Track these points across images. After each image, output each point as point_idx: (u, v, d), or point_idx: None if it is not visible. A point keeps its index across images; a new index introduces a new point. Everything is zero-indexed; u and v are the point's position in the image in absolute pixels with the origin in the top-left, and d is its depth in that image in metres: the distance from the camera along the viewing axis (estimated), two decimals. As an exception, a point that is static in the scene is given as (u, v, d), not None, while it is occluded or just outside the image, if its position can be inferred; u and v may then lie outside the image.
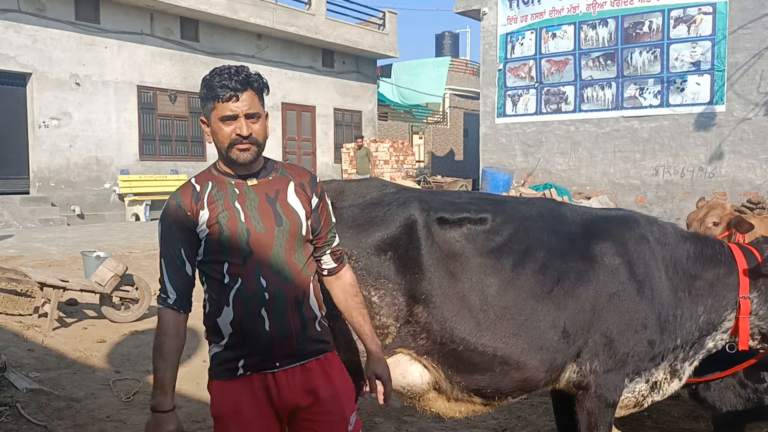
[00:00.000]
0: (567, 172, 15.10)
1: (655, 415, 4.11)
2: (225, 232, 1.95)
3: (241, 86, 1.95)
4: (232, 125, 1.96)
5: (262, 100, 2.02)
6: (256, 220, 1.98)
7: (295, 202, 2.05)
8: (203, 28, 16.98)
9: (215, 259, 1.97)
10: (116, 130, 15.21)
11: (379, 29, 22.08)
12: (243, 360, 1.98)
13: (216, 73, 1.98)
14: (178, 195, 2.01)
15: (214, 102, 1.96)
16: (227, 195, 2.00)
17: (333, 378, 2.07)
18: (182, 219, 1.98)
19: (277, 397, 1.99)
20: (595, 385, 2.70)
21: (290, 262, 2.00)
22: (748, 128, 12.78)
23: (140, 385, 4.54)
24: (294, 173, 2.12)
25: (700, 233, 3.12)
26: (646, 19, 13.73)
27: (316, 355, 2.05)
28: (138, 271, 7.91)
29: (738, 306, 2.85)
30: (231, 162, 2.01)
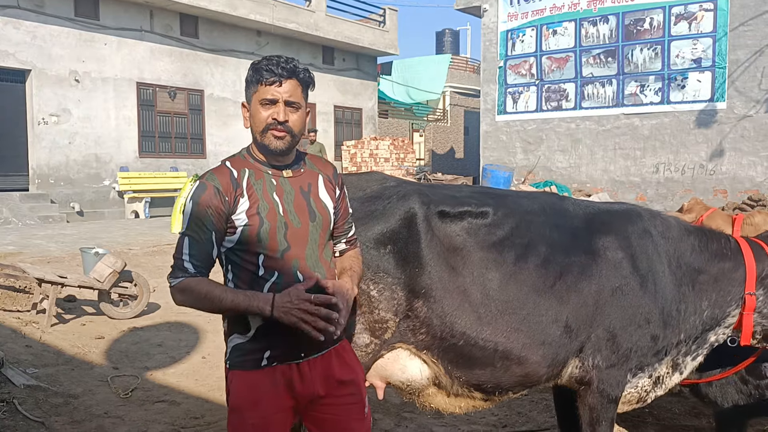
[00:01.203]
0: (567, 169, 15.07)
1: (656, 412, 4.09)
2: (265, 225, 1.93)
3: (287, 74, 1.95)
4: (271, 109, 1.95)
5: (305, 93, 2.02)
6: (293, 214, 1.98)
7: (326, 197, 2.06)
8: (203, 24, 16.94)
9: (250, 249, 1.94)
10: (115, 127, 15.19)
11: (379, 26, 22.05)
12: (269, 351, 1.96)
13: (265, 58, 1.98)
14: (216, 177, 1.95)
15: (257, 85, 1.96)
16: (265, 186, 1.98)
17: (349, 363, 2.10)
18: (218, 203, 1.92)
19: (300, 386, 1.98)
20: (597, 381, 2.68)
21: (322, 258, 2.03)
22: (749, 125, 12.75)
23: (138, 382, 4.51)
24: (320, 166, 2.13)
25: (706, 227, 3.07)
26: (647, 15, 13.69)
27: (334, 343, 2.07)
28: (137, 267, 7.89)
29: (743, 302, 2.82)
30: (263, 148, 1.99)
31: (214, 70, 17.26)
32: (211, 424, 3.87)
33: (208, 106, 17.17)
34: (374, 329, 2.62)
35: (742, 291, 2.82)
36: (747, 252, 2.84)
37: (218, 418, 3.95)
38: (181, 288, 1.91)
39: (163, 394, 4.35)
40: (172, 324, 6.04)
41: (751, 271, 2.80)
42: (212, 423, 3.88)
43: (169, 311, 6.47)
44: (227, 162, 2.02)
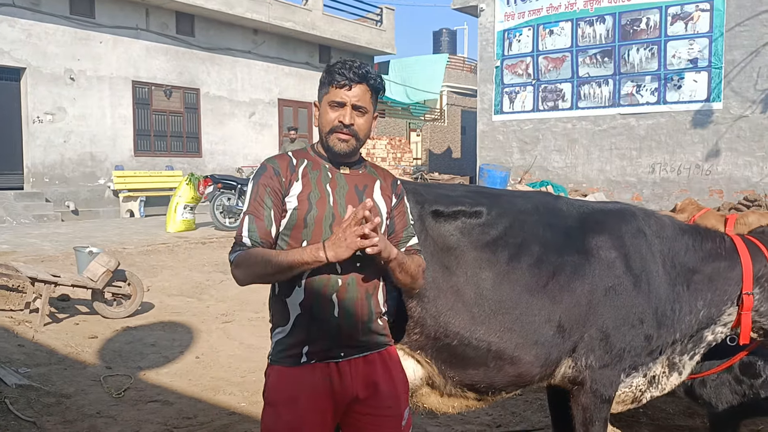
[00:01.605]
0: (564, 169, 15.07)
1: (650, 412, 4.08)
2: (313, 211, 1.98)
3: (358, 78, 1.99)
4: (338, 111, 2.00)
5: (375, 100, 2.06)
6: (343, 207, 2.00)
7: (380, 200, 2.08)
8: (199, 23, 16.90)
9: (295, 235, 1.99)
10: (111, 126, 15.14)
11: (376, 25, 22.02)
12: (307, 347, 1.97)
13: (339, 61, 2.04)
14: (276, 160, 2.06)
15: (329, 87, 2.02)
16: (320, 176, 2.04)
17: (392, 372, 2.08)
18: (277, 183, 2.01)
19: (339, 386, 1.98)
20: (590, 381, 2.66)
21: (366, 256, 1.96)
22: (745, 126, 12.76)
23: (131, 381, 4.49)
24: (379, 172, 2.17)
25: (701, 226, 3.05)
26: (644, 15, 13.70)
27: (378, 348, 2.06)
28: (131, 267, 7.86)
29: (740, 301, 2.80)
30: (328, 149, 2.05)
31: (210, 69, 17.21)
32: (204, 424, 3.85)
33: (204, 105, 17.12)
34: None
35: (738, 290, 2.80)
36: (743, 251, 2.82)
37: (211, 419, 3.93)
38: (237, 262, 1.96)
39: (156, 394, 4.33)
40: (165, 324, 6.01)
41: (748, 270, 2.79)
42: (205, 423, 3.86)
43: (162, 311, 6.45)
44: (289, 152, 2.12)
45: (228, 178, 12.39)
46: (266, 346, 5.42)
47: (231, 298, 7.11)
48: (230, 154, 17.74)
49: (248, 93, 18.21)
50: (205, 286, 7.62)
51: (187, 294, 7.26)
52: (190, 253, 9.74)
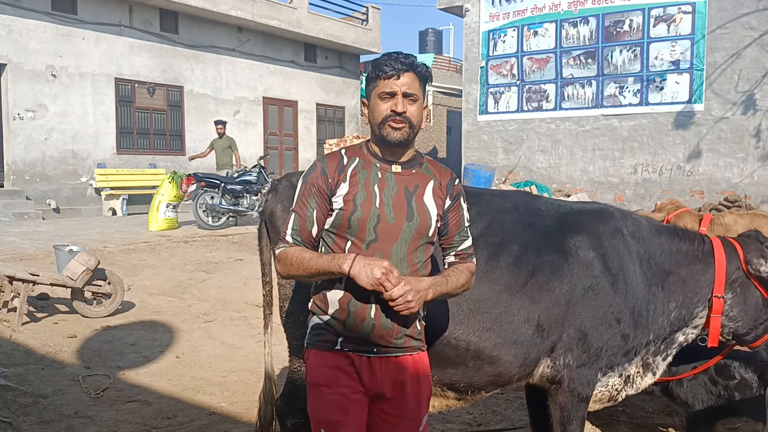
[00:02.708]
0: (547, 169, 15.15)
1: (629, 411, 4.12)
2: (357, 212, 1.98)
3: (405, 67, 1.99)
4: (389, 102, 2.00)
5: (423, 87, 2.06)
6: (389, 208, 2.00)
7: (430, 202, 2.06)
8: (183, 20, 16.78)
9: (340, 234, 2.02)
10: (93, 123, 15.00)
11: (362, 24, 21.99)
12: (342, 338, 2.02)
13: (385, 54, 2.04)
14: (325, 160, 2.08)
15: (377, 80, 2.02)
16: (369, 176, 2.03)
17: (420, 376, 2.10)
18: (322, 184, 2.03)
19: (369, 379, 2.02)
20: (568, 380, 2.68)
21: (410, 259, 2.02)
22: (726, 127, 12.91)
23: (110, 381, 4.45)
24: (436, 171, 2.13)
25: (680, 227, 3.06)
26: (627, 17, 13.81)
27: (411, 351, 2.08)
28: (112, 266, 7.79)
29: (710, 304, 2.82)
30: (381, 140, 2.04)
31: (194, 66, 17.10)
32: (183, 424, 3.82)
33: (188, 103, 17.01)
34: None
35: (709, 293, 2.81)
36: (719, 254, 2.82)
37: (190, 419, 3.90)
38: (279, 257, 2.04)
39: (135, 393, 4.29)
40: (146, 323, 5.96)
41: (721, 274, 2.79)
42: (184, 423, 3.83)
43: (143, 310, 6.40)
44: (343, 149, 2.11)
45: (211, 176, 12.31)
46: (247, 345, 5.41)
47: (213, 297, 7.07)
48: (214, 152, 17.62)
49: (233, 91, 18.12)
50: (187, 286, 7.57)
51: (169, 293, 7.20)
52: (172, 252, 9.67)
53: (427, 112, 2.12)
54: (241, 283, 7.74)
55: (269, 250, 2.74)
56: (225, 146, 13.42)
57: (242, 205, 12.13)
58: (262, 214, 2.76)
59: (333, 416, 1.99)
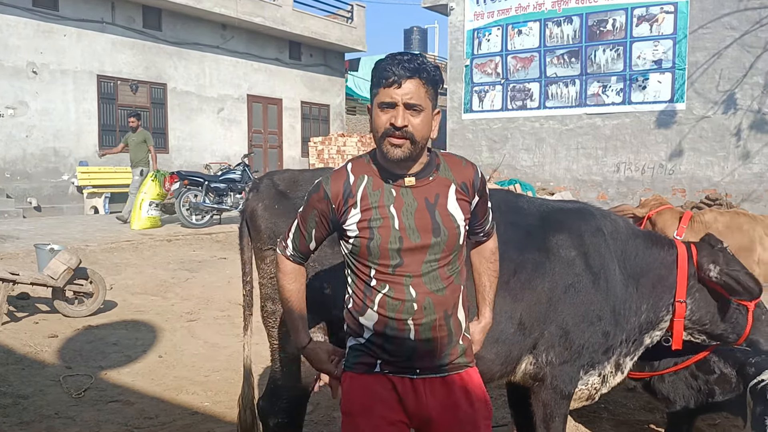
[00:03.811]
0: (532, 168, 15.22)
1: (611, 407, 4.15)
2: (375, 238, 1.83)
3: (408, 73, 1.77)
4: (389, 113, 1.79)
5: (432, 94, 1.83)
6: (411, 229, 1.84)
7: (455, 209, 1.89)
8: (166, 17, 16.64)
9: (362, 261, 1.88)
10: (75, 121, 14.83)
11: (347, 22, 21.95)
12: (380, 360, 1.89)
13: (389, 56, 1.83)
14: (329, 182, 1.90)
15: (378, 88, 1.81)
16: (383, 197, 1.85)
17: (472, 395, 1.94)
18: (324, 208, 1.90)
19: (413, 404, 1.89)
20: (550, 377, 2.70)
21: (443, 274, 1.88)
22: (707, 126, 13.05)
23: (92, 381, 4.41)
24: (457, 171, 1.93)
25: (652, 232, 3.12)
26: (610, 17, 13.90)
27: (458, 369, 1.94)
28: (94, 264, 7.72)
29: (673, 309, 2.86)
30: (383, 156, 1.84)
31: (177, 64, 16.97)
32: (165, 424, 3.80)
33: (171, 100, 16.88)
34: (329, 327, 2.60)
35: (672, 298, 2.86)
36: (682, 259, 2.87)
37: (173, 418, 3.88)
38: (278, 265, 2.05)
39: (117, 393, 4.26)
40: (128, 322, 5.91)
41: (682, 279, 2.84)
42: (167, 423, 3.81)
43: (125, 309, 6.35)
44: (349, 164, 1.94)
45: (195, 174, 12.24)
46: (231, 345, 5.40)
47: (196, 296, 7.03)
48: (198, 150, 17.52)
49: (216, 88, 18.01)
50: (170, 284, 7.52)
51: (151, 292, 7.15)
52: (155, 251, 9.60)
53: (439, 118, 1.88)
54: (225, 281, 7.71)
55: (250, 249, 2.72)
56: (139, 141, 12.36)
57: (226, 204, 12.06)
58: (243, 212, 2.74)
59: None
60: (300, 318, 2.02)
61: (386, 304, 1.86)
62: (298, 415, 2.69)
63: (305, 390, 2.65)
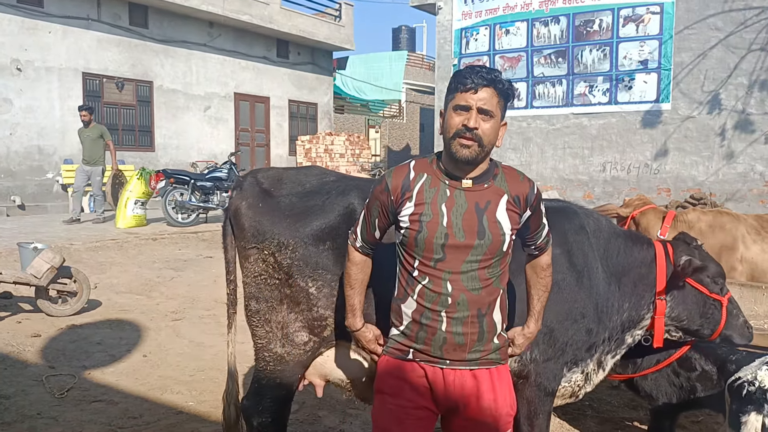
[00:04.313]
0: (519, 167, 15.16)
1: (595, 405, 4.18)
2: (423, 232, 1.97)
3: (485, 82, 1.94)
4: (463, 116, 1.95)
5: (503, 105, 2.00)
6: (458, 227, 1.97)
7: (503, 218, 2.01)
8: (153, 14, 16.54)
9: (409, 252, 2.04)
10: (60, 118, 14.70)
11: (335, 21, 21.92)
12: (413, 347, 2.06)
13: (468, 67, 2.00)
14: (391, 177, 2.07)
15: (455, 93, 1.98)
16: (437, 194, 2.00)
17: (497, 392, 2.07)
18: (384, 199, 2.06)
19: (442, 391, 2.03)
20: (534, 374, 2.70)
21: (482, 275, 2.00)
22: (692, 126, 13.15)
23: (75, 381, 4.37)
24: (512, 184, 2.06)
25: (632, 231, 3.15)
26: (597, 17, 13.97)
27: (487, 365, 2.07)
28: (78, 263, 7.66)
29: (654, 306, 2.90)
30: (450, 156, 1.99)
31: (164, 61, 16.86)
32: (149, 424, 3.77)
33: (158, 98, 16.77)
34: (313, 327, 2.59)
35: (653, 296, 2.90)
36: (660, 257, 2.91)
37: (157, 418, 3.85)
38: (348, 253, 2.21)
39: (101, 393, 4.22)
40: (113, 322, 5.87)
41: (662, 277, 2.88)
42: (151, 423, 3.78)
43: (110, 309, 6.30)
44: (412, 162, 2.10)
45: (181, 173, 12.17)
46: (216, 344, 5.36)
47: (181, 295, 6.99)
48: (184, 148, 17.42)
49: (203, 86, 17.92)
50: (155, 283, 7.47)
51: (136, 291, 7.10)
52: (140, 250, 9.54)
53: (505, 130, 2.05)
54: (211, 280, 7.67)
55: (234, 248, 2.71)
56: (95, 136, 11.38)
57: (212, 202, 12.01)
58: (227, 211, 2.73)
59: (388, 425, 2.06)
60: (359, 303, 2.20)
61: (425, 295, 2.01)
62: (283, 415, 2.68)
63: (289, 389, 2.64)
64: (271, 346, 2.60)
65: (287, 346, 2.59)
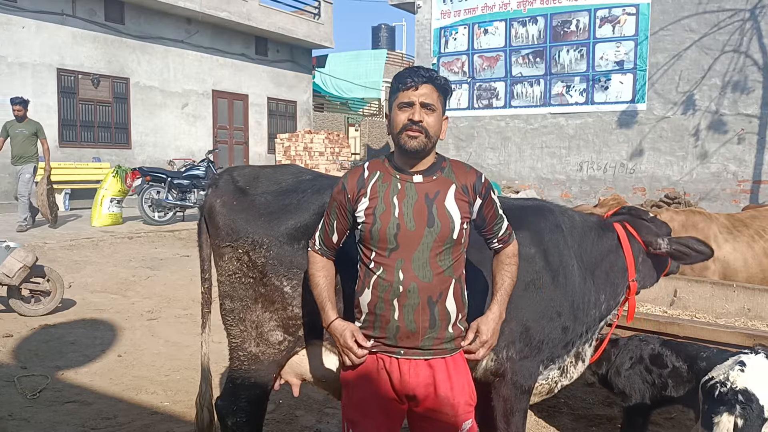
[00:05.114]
0: (497, 166, 15.37)
1: (571, 402, 4.22)
2: (377, 224, 2.08)
3: (424, 79, 2.07)
4: (407, 111, 2.07)
5: (443, 100, 2.14)
6: (409, 217, 2.07)
7: (452, 206, 2.11)
8: (129, 10, 16.33)
9: (366, 245, 2.13)
10: (34, 115, 14.34)
11: (314, 18, 21.83)
12: (372, 340, 2.13)
13: (407, 68, 2.13)
14: (347, 177, 2.18)
15: (398, 92, 2.10)
16: (389, 188, 2.11)
17: (453, 380, 2.14)
18: (342, 199, 2.16)
19: (398, 382, 2.11)
20: (511, 372, 2.72)
21: (433, 263, 2.08)
22: (667, 126, 13.34)
23: (48, 382, 4.31)
24: (459, 174, 2.18)
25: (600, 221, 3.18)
26: (574, 18, 14.10)
27: (442, 354, 2.14)
28: (52, 262, 7.55)
29: (628, 289, 2.99)
30: (400, 150, 2.11)
31: (140, 58, 16.67)
32: (123, 425, 3.73)
33: (134, 95, 16.57)
34: (288, 326, 2.58)
35: (626, 281, 2.98)
36: (624, 239, 2.99)
37: (131, 419, 3.81)
38: (308, 256, 2.26)
39: (75, 394, 4.17)
40: (87, 321, 5.79)
41: (630, 260, 2.96)
42: (125, 424, 3.74)
43: (84, 308, 6.21)
44: (367, 163, 2.21)
45: (157, 170, 12.04)
46: (192, 344, 5.32)
47: (157, 294, 6.92)
48: (161, 146, 17.24)
49: (181, 83, 17.74)
50: (131, 282, 7.39)
51: (112, 290, 7.02)
52: (115, 248, 9.43)
53: (447, 123, 2.19)
54: (188, 279, 7.60)
55: (208, 246, 2.69)
56: (29, 133, 10.36)
57: (190, 200, 11.90)
58: (202, 209, 2.71)
59: (353, 416, 2.16)
60: (328, 298, 2.21)
61: (378, 285, 2.09)
62: (258, 415, 2.67)
63: (264, 389, 2.63)
64: (245, 346, 2.58)
65: (262, 346, 2.57)
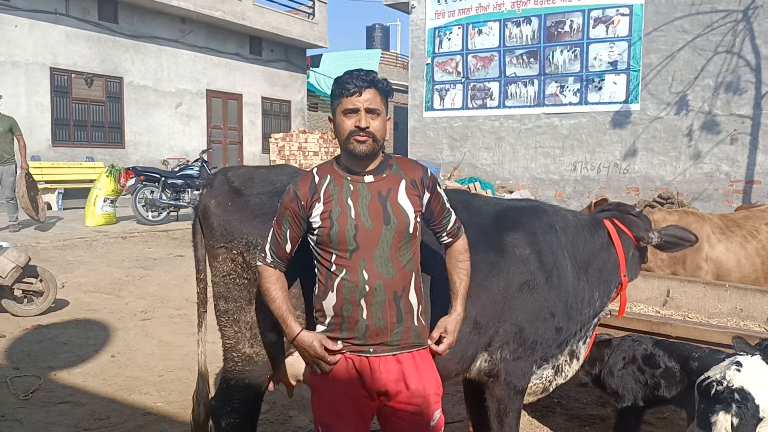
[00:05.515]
0: (491, 166, 15.39)
1: (564, 402, 4.23)
2: (335, 227, 2.09)
3: (366, 84, 2.09)
4: (353, 118, 2.09)
5: (385, 102, 2.15)
6: (365, 217, 2.10)
7: (405, 201, 2.16)
8: (123, 9, 16.27)
9: (325, 249, 2.13)
10: (27, 115, 14.37)
11: (308, 18, 21.81)
12: (340, 341, 2.15)
13: (347, 72, 2.13)
14: (298, 184, 2.17)
15: (341, 98, 2.11)
16: (342, 191, 2.13)
17: (422, 373, 2.19)
18: (295, 207, 2.15)
19: (369, 380, 2.14)
20: (504, 373, 2.73)
21: (394, 259, 2.12)
22: (660, 127, 13.38)
23: (41, 382, 4.29)
24: (407, 170, 2.22)
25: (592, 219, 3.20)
26: (568, 18, 14.13)
27: (409, 348, 2.18)
28: (45, 262, 7.52)
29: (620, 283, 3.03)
30: (349, 154, 2.12)
31: (134, 57, 16.61)
32: (116, 425, 3.72)
33: (128, 94, 16.52)
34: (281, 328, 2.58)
35: (618, 277, 3.02)
36: (614, 235, 3.03)
37: (124, 420, 3.80)
38: (259, 271, 2.23)
39: (68, 394, 4.16)
40: (80, 321, 5.77)
41: (621, 256, 3.00)
42: (118, 425, 3.73)
43: (77, 308, 6.19)
44: (314, 169, 2.21)
45: (151, 170, 12.00)
46: (186, 344, 5.31)
47: (151, 294, 6.90)
48: (155, 145, 17.19)
49: (174, 83, 17.69)
50: (124, 282, 7.37)
51: (105, 290, 7.00)
52: (109, 248, 9.40)
53: (390, 124, 2.21)
54: (182, 279, 7.59)
55: (203, 246, 2.69)
56: (4, 129, 9.65)
57: (183, 200, 11.87)
58: (196, 209, 2.70)
59: (326, 419, 2.17)
60: (288, 311, 2.19)
61: (343, 287, 2.10)
62: (252, 415, 2.66)
63: (258, 390, 2.63)
64: (239, 347, 2.58)
65: (256, 347, 2.57)
